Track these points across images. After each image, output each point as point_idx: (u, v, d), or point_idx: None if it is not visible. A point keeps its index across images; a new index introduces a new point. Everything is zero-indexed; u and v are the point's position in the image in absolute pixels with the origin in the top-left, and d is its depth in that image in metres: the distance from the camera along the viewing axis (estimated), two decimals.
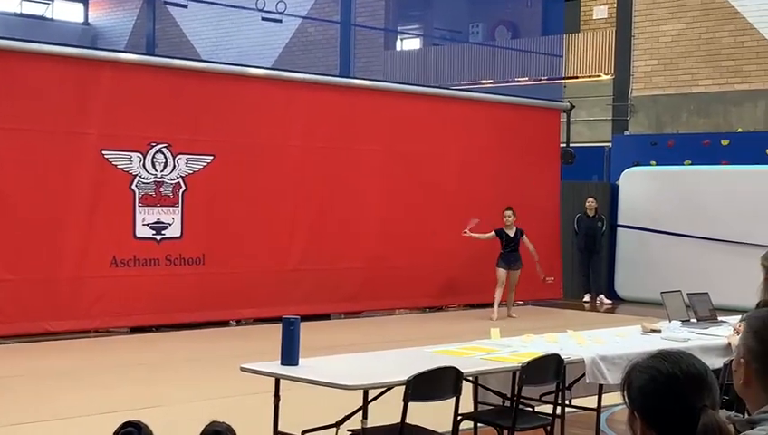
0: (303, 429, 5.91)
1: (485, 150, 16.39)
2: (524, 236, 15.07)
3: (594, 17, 22.38)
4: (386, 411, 5.72)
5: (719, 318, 8.40)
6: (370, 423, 5.62)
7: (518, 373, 6.18)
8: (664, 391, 2.23)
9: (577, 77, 22.58)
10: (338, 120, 14.80)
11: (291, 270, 14.22)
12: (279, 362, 5.90)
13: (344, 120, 14.88)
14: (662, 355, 2.29)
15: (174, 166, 13.22)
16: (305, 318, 6.85)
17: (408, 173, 15.50)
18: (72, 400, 8.72)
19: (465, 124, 16.25)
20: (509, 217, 15.00)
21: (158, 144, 13.06)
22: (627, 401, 2.31)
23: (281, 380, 5.90)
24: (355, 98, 15.27)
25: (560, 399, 6.54)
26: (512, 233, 15.02)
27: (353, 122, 15.00)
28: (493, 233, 15.01)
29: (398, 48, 29.50)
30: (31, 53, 12.30)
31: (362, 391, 5.57)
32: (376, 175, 15.20)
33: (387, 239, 15.20)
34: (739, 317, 7.52)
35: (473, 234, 14.98)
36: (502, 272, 14.94)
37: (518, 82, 23.47)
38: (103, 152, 12.62)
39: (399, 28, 29.65)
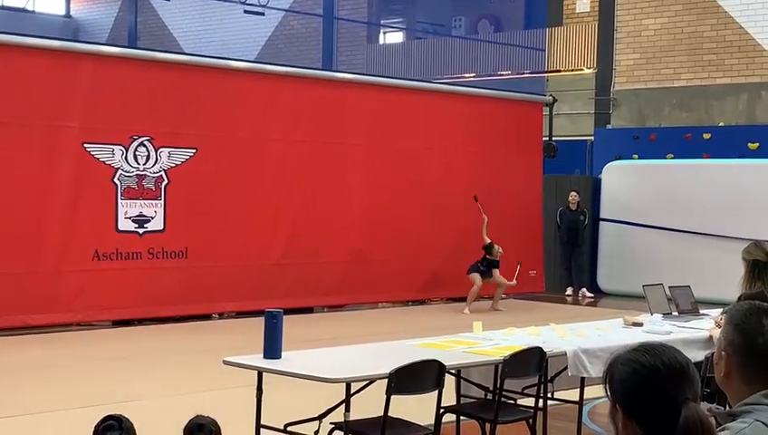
0: (286, 422, 5.91)
1: (468, 144, 16.40)
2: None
3: (577, 11, 22.41)
4: (369, 405, 5.72)
5: (701, 311, 8.43)
6: (353, 416, 5.62)
7: (500, 366, 6.20)
8: (645, 383, 2.24)
9: (559, 71, 22.60)
10: (321, 114, 14.77)
11: (273, 264, 14.20)
12: (262, 355, 5.90)
13: (327, 114, 14.86)
14: (644, 348, 2.30)
15: (156, 159, 13.18)
16: (288, 312, 6.84)
17: (391, 167, 15.49)
18: (53, 393, 8.69)
19: (448, 118, 16.25)
20: (498, 253, 15.03)
21: (140, 137, 13.01)
22: (608, 393, 2.31)
23: (264, 373, 5.89)
24: (338, 91, 15.24)
25: (542, 392, 6.56)
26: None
27: (336, 116, 14.97)
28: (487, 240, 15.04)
29: (381, 41, 29.47)
30: (12, 46, 12.23)
31: (345, 384, 5.57)
32: (359, 168, 15.19)
33: (370, 233, 15.20)
34: (720, 310, 7.55)
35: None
36: (477, 277, 14.94)
37: (501, 75, 23.50)
38: (85, 145, 12.57)
39: (382, 21, 29.62)
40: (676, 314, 8.28)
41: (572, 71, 22.35)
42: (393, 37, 30.33)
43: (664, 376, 2.24)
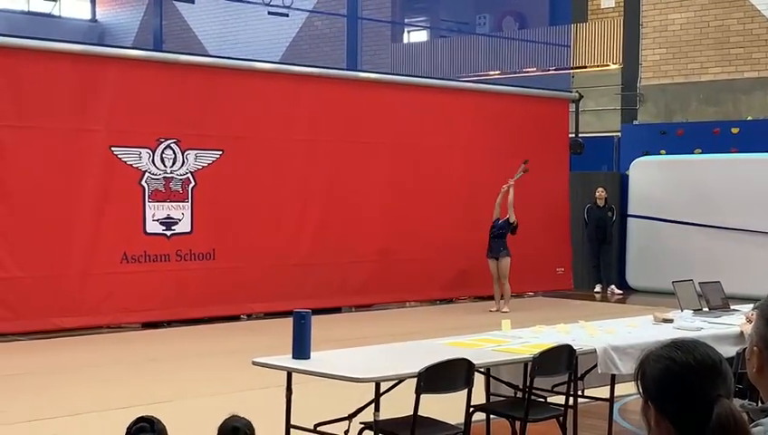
0: (316, 422, 5.91)
1: (494, 142, 16.36)
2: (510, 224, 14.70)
3: (602, 6, 22.32)
4: (398, 404, 5.72)
5: (731, 307, 8.38)
6: (383, 416, 5.62)
7: (530, 364, 6.18)
8: (678, 380, 2.22)
9: (585, 67, 22.51)
10: (346, 114, 14.79)
11: (300, 264, 14.23)
12: (291, 355, 5.91)
13: (352, 114, 14.87)
14: (676, 344, 2.28)
15: (183, 161, 13.23)
16: (316, 312, 6.85)
17: (416, 166, 15.48)
18: (84, 395, 8.74)
19: (473, 116, 16.22)
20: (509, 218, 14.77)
21: (166, 140, 13.07)
22: (640, 390, 2.29)
23: (293, 373, 5.90)
24: (362, 91, 15.25)
25: (572, 389, 6.53)
26: (501, 220, 14.77)
27: (361, 116, 14.98)
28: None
29: (405, 40, 29.47)
30: (39, 51, 12.32)
31: (374, 383, 5.57)
32: (384, 168, 15.19)
33: (396, 232, 15.19)
34: (751, 305, 7.49)
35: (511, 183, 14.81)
36: (492, 264, 14.78)
37: (526, 72, 23.43)
38: (112, 149, 12.64)
39: (406, 20, 29.62)
40: (707, 310, 8.23)
41: (598, 67, 22.26)
42: (417, 36, 30.32)
43: (696, 372, 2.22)
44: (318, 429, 5.91)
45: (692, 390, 2.21)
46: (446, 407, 6.06)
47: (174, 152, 13.14)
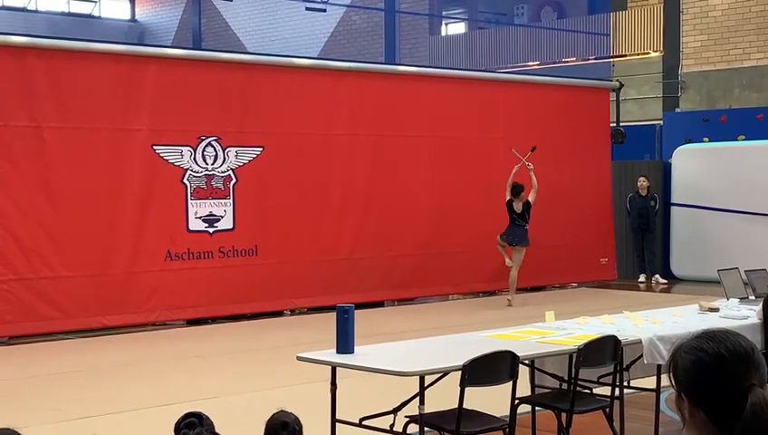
0: (361, 416, 5.93)
1: (534, 133, 16.25)
2: (530, 202, 14.27)
3: None
4: (443, 397, 5.72)
5: None
6: (427, 409, 5.62)
7: (575, 356, 6.15)
8: (710, 371, 2.21)
9: (625, 55, 22.35)
10: (385, 107, 14.79)
11: (342, 259, 14.26)
12: (334, 350, 5.93)
13: (391, 107, 14.87)
14: (707, 335, 2.27)
15: (224, 159, 13.31)
16: (358, 306, 6.87)
17: (457, 158, 15.45)
18: (132, 392, 8.82)
19: (513, 107, 16.15)
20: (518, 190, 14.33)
21: (207, 138, 13.14)
22: (673, 382, 2.29)
23: (337, 368, 5.92)
24: (401, 84, 15.24)
25: (618, 380, 6.49)
26: (518, 208, 14.37)
27: (400, 109, 14.97)
28: (509, 196, 14.36)
29: (443, 33, 29.41)
30: (79, 52, 12.43)
31: (418, 377, 5.56)
32: (424, 160, 15.18)
33: (438, 225, 15.18)
34: None
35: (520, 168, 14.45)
36: (515, 252, 14.37)
37: (565, 62, 23.31)
38: (154, 147, 12.73)
39: (444, 13, 29.57)
40: (753, 298, 8.14)
41: (639, 55, 22.09)
42: (455, 28, 30.25)
43: (728, 362, 2.21)
44: (363, 423, 5.92)
45: (725, 380, 2.20)
46: (490, 399, 6.04)
47: (215, 150, 13.22)
